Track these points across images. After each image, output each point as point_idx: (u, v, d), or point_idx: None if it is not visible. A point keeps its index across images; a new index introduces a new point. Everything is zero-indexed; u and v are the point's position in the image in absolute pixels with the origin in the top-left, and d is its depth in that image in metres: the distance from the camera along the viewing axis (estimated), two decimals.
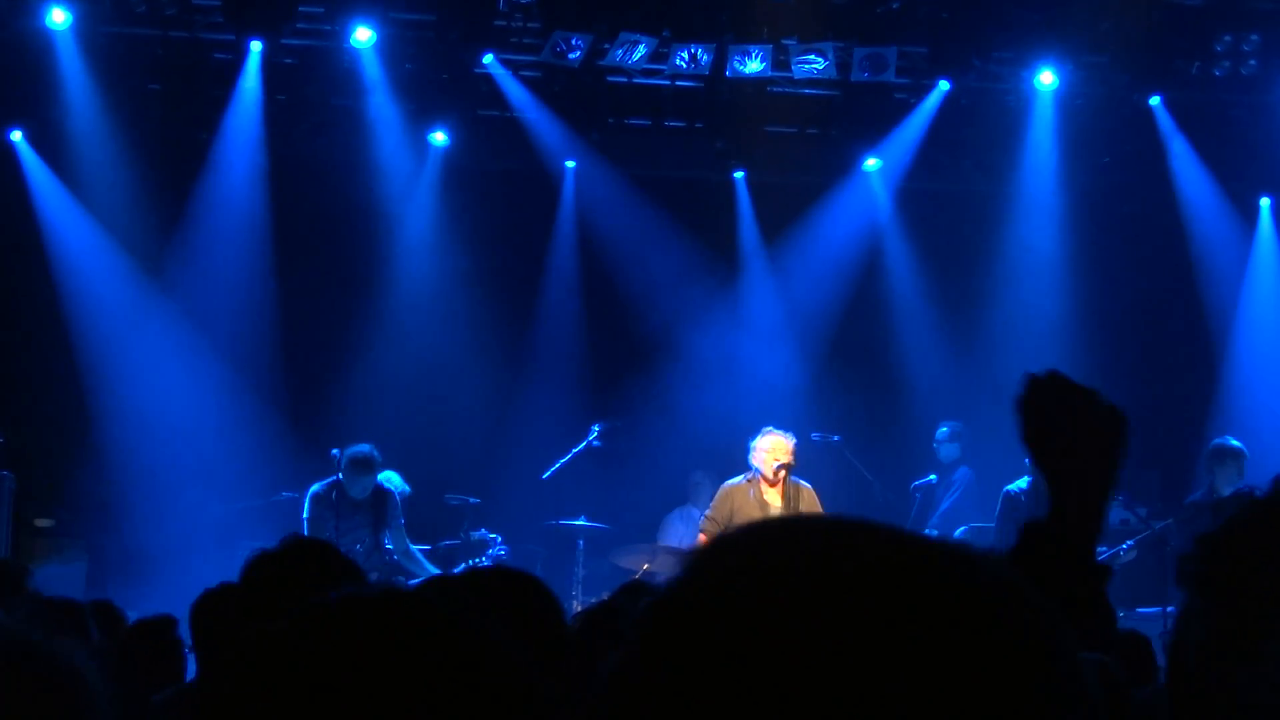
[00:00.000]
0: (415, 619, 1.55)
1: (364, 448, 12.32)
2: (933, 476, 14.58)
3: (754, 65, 14.47)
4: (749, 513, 12.02)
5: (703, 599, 1.18)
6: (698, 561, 1.22)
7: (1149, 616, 11.51)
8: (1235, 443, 12.72)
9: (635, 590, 5.84)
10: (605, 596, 8.00)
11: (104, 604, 7.44)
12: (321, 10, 14.28)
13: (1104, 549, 12.36)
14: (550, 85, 15.19)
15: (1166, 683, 1.96)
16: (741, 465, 12.29)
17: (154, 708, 5.05)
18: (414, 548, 12.65)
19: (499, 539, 13.26)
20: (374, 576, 10.06)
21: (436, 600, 1.59)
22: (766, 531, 1.23)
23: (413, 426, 14.56)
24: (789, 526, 1.23)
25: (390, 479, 13.12)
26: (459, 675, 1.51)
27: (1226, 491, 12.41)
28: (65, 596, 7.05)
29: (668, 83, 15.28)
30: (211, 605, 5.34)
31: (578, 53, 14.29)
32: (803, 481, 12.21)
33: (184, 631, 6.72)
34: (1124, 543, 12.51)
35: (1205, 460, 12.86)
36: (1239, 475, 12.48)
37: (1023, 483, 12.62)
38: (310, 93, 15.15)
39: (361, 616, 1.55)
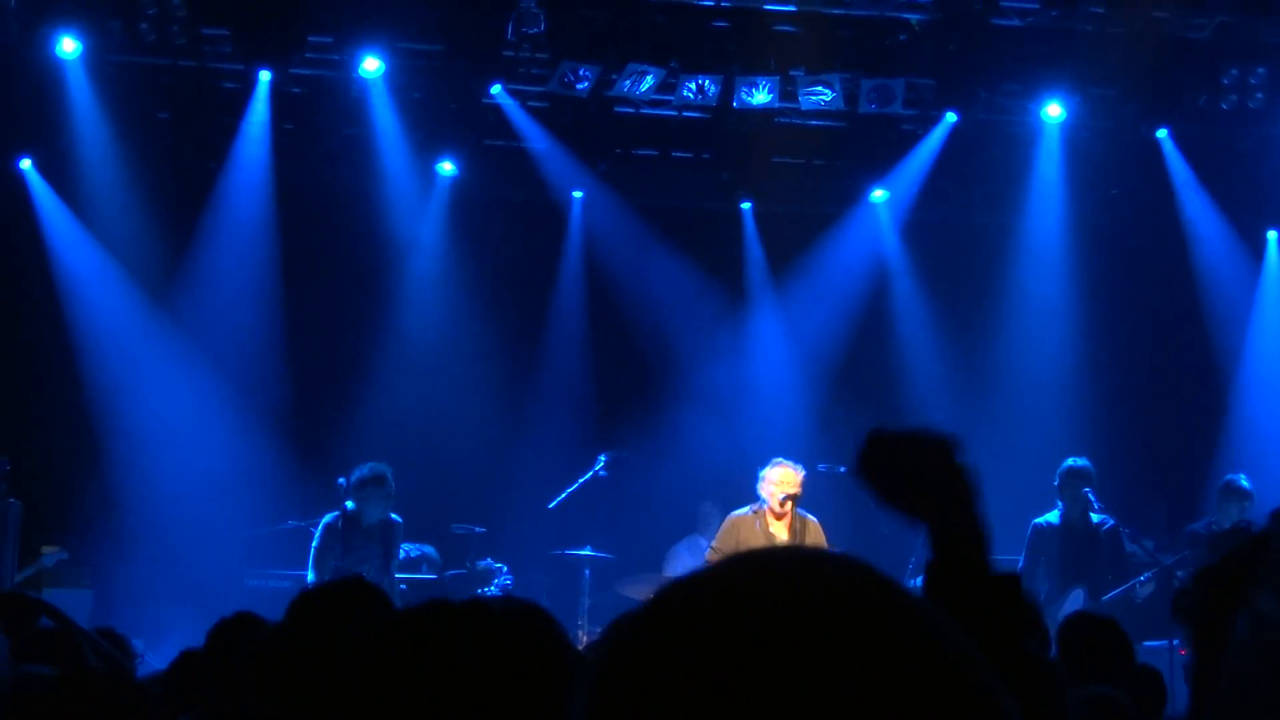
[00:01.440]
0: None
1: (377, 466, 12.31)
2: None
3: (761, 96, 14.50)
4: (754, 544, 11.97)
5: (636, 645, 1.20)
6: (644, 610, 1.24)
7: (1156, 650, 11.48)
8: (1245, 483, 12.77)
9: None
10: None
11: (106, 631, 7.41)
12: (330, 40, 14.32)
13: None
14: (558, 115, 15.23)
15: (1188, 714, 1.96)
16: (748, 495, 12.27)
17: None
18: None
19: (505, 568, 13.25)
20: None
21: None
22: (719, 571, 1.24)
23: (419, 455, 14.54)
24: (740, 564, 1.24)
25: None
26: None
27: (1226, 526, 12.50)
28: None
29: (675, 113, 15.31)
30: (228, 635, 5.34)
31: (585, 83, 14.32)
32: (809, 515, 12.17)
33: None
34: (1140, 575, 12.49)
35: (1216, 494, 12.92)
36: (1240, 514, 12.56)
37: (1052, 516, 12.59)
38: (319, 122, 15.20)
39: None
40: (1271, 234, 16.48)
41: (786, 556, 1.24)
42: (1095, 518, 12.57)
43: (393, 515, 12.42)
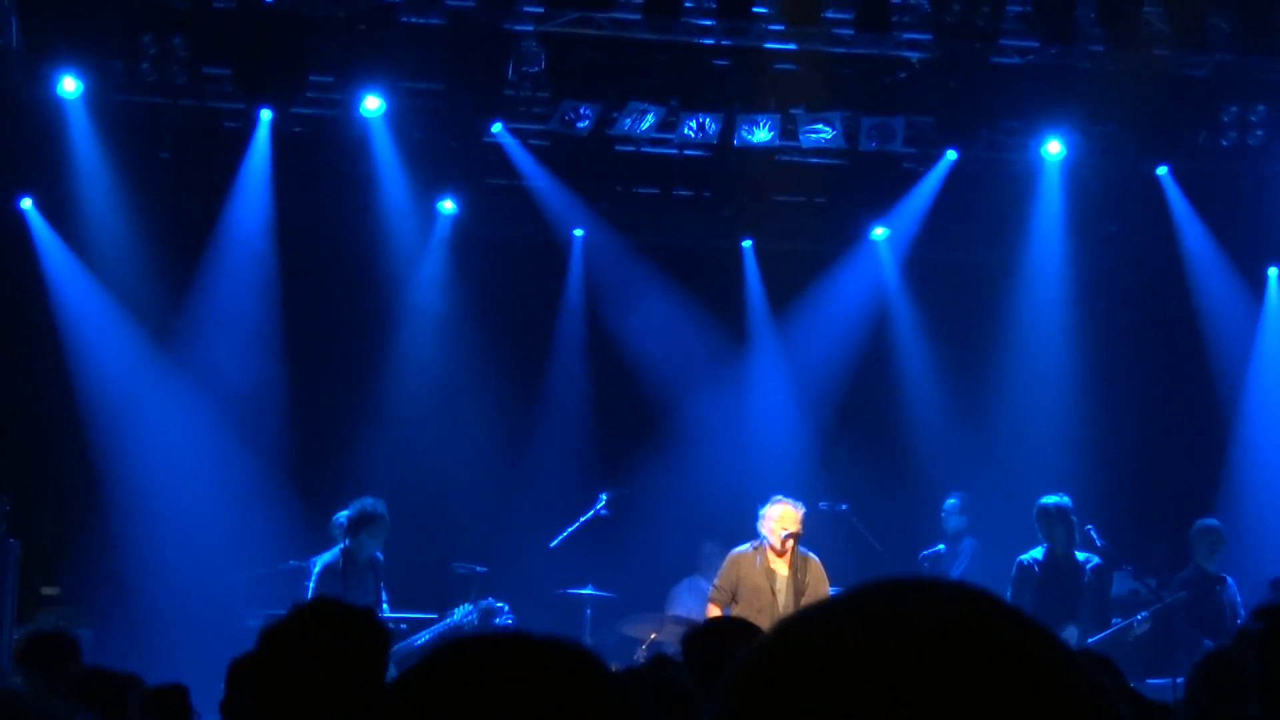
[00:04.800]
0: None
1: (374, 503, 12.32)
2: (941, 546, 14.54)
3: (762, 134, 14.52)
4: (755, 581, 11.98)
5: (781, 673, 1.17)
6: (778, 633, 1.21)
7: (1159, 687, 11.44)
8: (1214, 522, 13.17)
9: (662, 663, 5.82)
10: (614, 667, 7.94)
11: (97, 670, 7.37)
12: (331, 79, 14.35)
13: (1118, 620, 12.37)
14: (559, 154, 15.25)
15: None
16: (749, 534, 12.25)
17: None
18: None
19: (506, 607, 13.21)
20: None
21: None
22: (860, 598, 1.21)
23: (420, 494, 14.53)
24: (882, 593, 1.21)
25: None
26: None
27: (1211, 569, 12.73)
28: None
29: (676, 152, 15.34)
30: (243, 671, 5.33)
31: (586, 121, 14.34)
32: (811, 554, 12.14)
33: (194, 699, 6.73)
34: (1137, 614, 12.46)
35: (1192, 540, 13.12)
36: (1212, 552, 12.88)
37: (1037, 553, 12.57)
38: (320, 161, 15.21)
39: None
40: (1272, 271, 16.48)
41: (909, 588, 1.21)
42: (1080, 555, 12.58)
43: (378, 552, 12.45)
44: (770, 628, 1.23)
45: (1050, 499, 12.60)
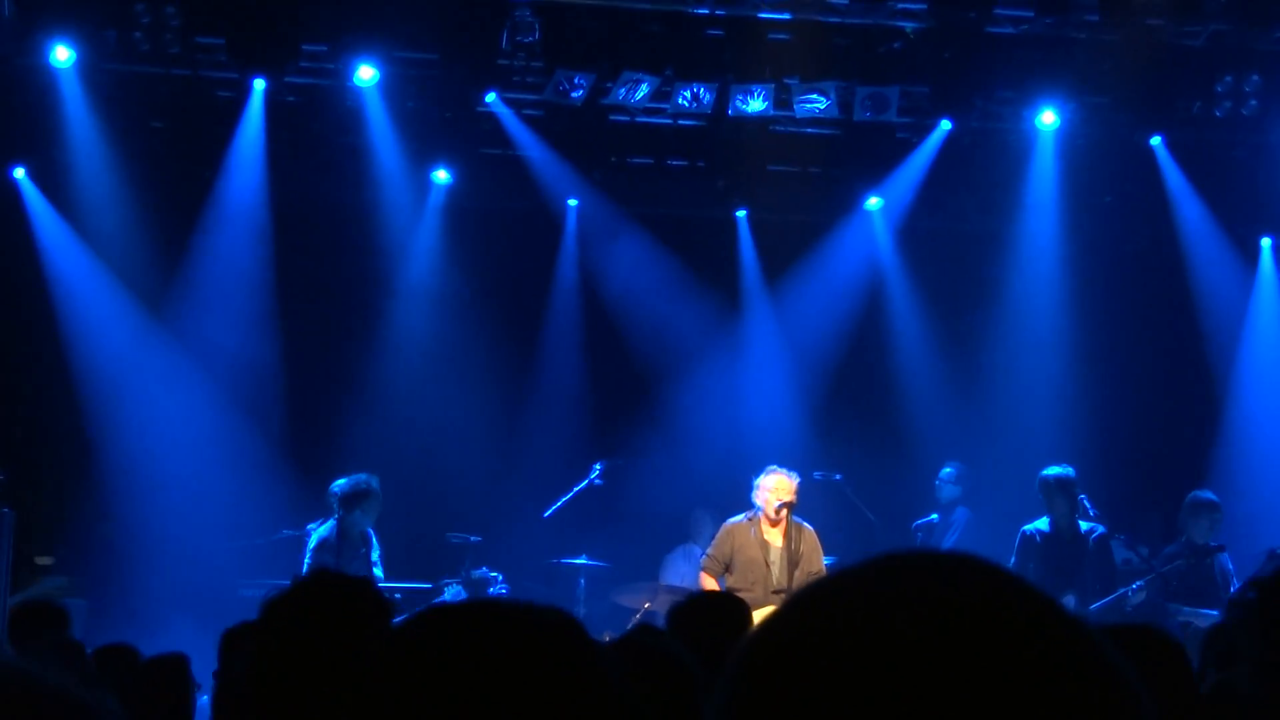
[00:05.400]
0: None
1: (369, 479, 12.34)
2: (934, 516, 14.57)
3: (756, 104, 14.50)
4: (749, 552, 12.02)
5: (793, 647, 1.17)
6: (789, 608, 1.20)
7: None
8: (1212, 496, 12.98)
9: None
10: (607, 636, 7.97)
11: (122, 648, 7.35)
12: (325, 49, 14.31)
13: (1120, 589, 12.37)
14: (553, 124, 15.22)
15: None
16: (743, 503, 12.27)
17: None
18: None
19: (500, 577, 13.24)
20: None
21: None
22: (869, 572, 1.20)
23: (414, 464, 14.55)
24: (885, 569, 1.21)
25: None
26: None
27: (1200, 541, 12.64)
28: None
29: (670, 121, 15.31)
30: (237, 641, 5.33)
31: (580, 91, 14.31)
32: (805, 523, 12.19)
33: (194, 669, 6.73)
34: (1133, 584, 12.46)
35: (1185, 512, 12.99)
36: (1210, 527, 12.74)
37: (1040, 523, 12.56)
38: (313, 131, 15.18)
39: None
40: (1265, 241, 16.48)
41: (925, 561, 1.21)
42: (1084, 525, 12.57)
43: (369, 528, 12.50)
44: (775, 608, 1.23)
45: (1052, 470, 12.59)
